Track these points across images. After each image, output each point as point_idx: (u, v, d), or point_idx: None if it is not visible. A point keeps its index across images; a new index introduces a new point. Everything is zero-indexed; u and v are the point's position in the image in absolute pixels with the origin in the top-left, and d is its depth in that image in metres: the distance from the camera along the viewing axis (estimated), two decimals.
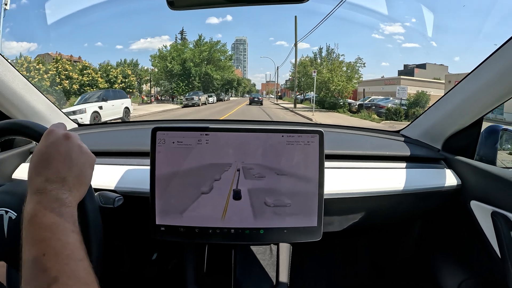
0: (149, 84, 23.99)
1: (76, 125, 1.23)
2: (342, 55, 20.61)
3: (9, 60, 0.89)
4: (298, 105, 18.43)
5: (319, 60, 20.33)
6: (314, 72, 17.49)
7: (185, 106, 18.48)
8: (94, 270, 0.40)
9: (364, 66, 22.11)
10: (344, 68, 18.04)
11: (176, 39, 29.61)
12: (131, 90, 17.74)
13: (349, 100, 17.38)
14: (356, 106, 16.08)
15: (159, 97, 24.09)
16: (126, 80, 17.74)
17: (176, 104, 20.80)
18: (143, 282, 1.23)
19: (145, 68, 24.13)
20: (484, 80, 0.81)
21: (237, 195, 0.70)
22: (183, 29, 29.85)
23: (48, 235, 0.39)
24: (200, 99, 19.25)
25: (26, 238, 0.39)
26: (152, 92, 24.23)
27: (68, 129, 1.20)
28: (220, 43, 27.01)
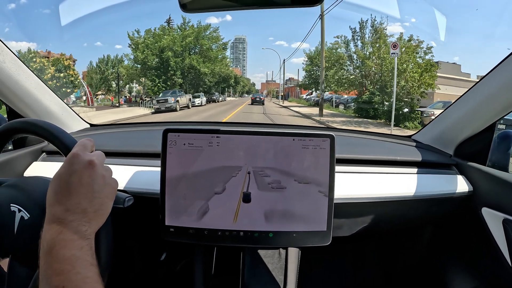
0: (141, 83, 19.58)
1: (88, 125, 1.24)
2: (392, 35, 12.61)
3: (23, 60, 0.90)
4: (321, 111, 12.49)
5: (359, 43, 12.53)
6: (395, 47, 9.19)
7: (157, 111, 13.88)
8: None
9: (433, 56, 11.35)
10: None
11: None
12: (68, 90, 13.09)
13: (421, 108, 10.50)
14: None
15: (131, 99, 19.25)
16: (61, 75, 12.59)
17: (148, 107, 15.68)
18: (152, 282, 1.24)
19: (131, 65, 19.25)
20: (498, 85, 0.80)
21: (247, 198, 0.70)
22: (170, 17, 20.20)
23: (68, 268, 0.38)
24: (178, 101, 14.37)
25: (44, 269, 0.39)
26: (142, 91, 20.03)
27: (80, 129, 1.21)
28: (211, 27, 19.84)
